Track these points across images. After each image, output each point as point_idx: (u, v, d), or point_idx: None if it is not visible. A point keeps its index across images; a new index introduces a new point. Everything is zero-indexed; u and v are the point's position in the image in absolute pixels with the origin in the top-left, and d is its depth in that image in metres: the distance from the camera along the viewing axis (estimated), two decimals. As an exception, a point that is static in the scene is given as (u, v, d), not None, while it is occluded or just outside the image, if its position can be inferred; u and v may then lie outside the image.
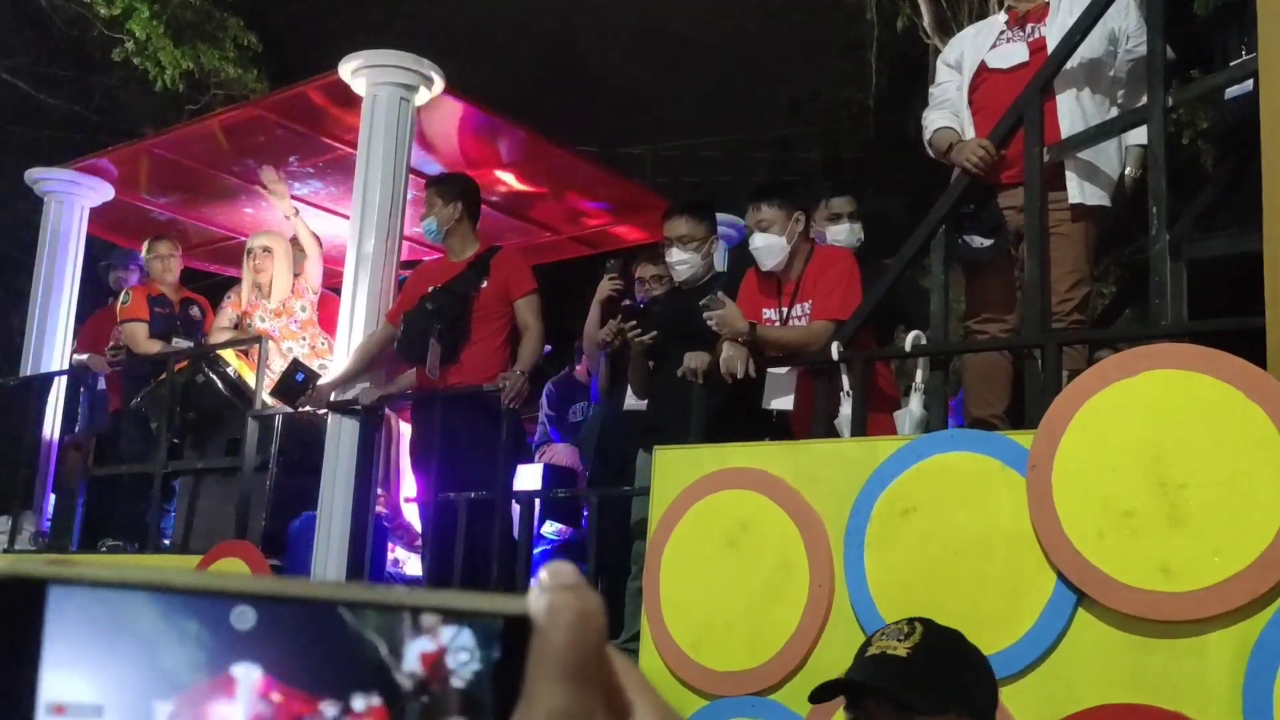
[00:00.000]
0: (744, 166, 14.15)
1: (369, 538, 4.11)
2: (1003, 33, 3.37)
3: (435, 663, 0.34)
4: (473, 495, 3.83)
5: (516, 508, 3.98)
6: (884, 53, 13.06)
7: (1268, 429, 2.39)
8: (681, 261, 3.84)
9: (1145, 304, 3.24)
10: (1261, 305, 2.53)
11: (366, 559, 4.08)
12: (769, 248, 3.49)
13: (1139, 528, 2.48)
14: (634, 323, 3.71)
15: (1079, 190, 3.14)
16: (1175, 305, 2.79)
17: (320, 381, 4.39)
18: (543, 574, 0.35)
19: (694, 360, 3.32)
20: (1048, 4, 3.30)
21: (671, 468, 3.21)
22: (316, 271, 5.24)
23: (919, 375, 3.07)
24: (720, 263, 5.04)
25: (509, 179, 5.62)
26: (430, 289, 4.26)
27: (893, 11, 13.36)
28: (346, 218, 4.91)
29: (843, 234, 4.02)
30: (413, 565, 4.86)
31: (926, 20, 12.24)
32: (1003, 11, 3.46)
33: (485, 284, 4.23)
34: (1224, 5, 3.50)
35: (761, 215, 3.50)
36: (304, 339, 5.14)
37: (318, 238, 5.34)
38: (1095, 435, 2.58)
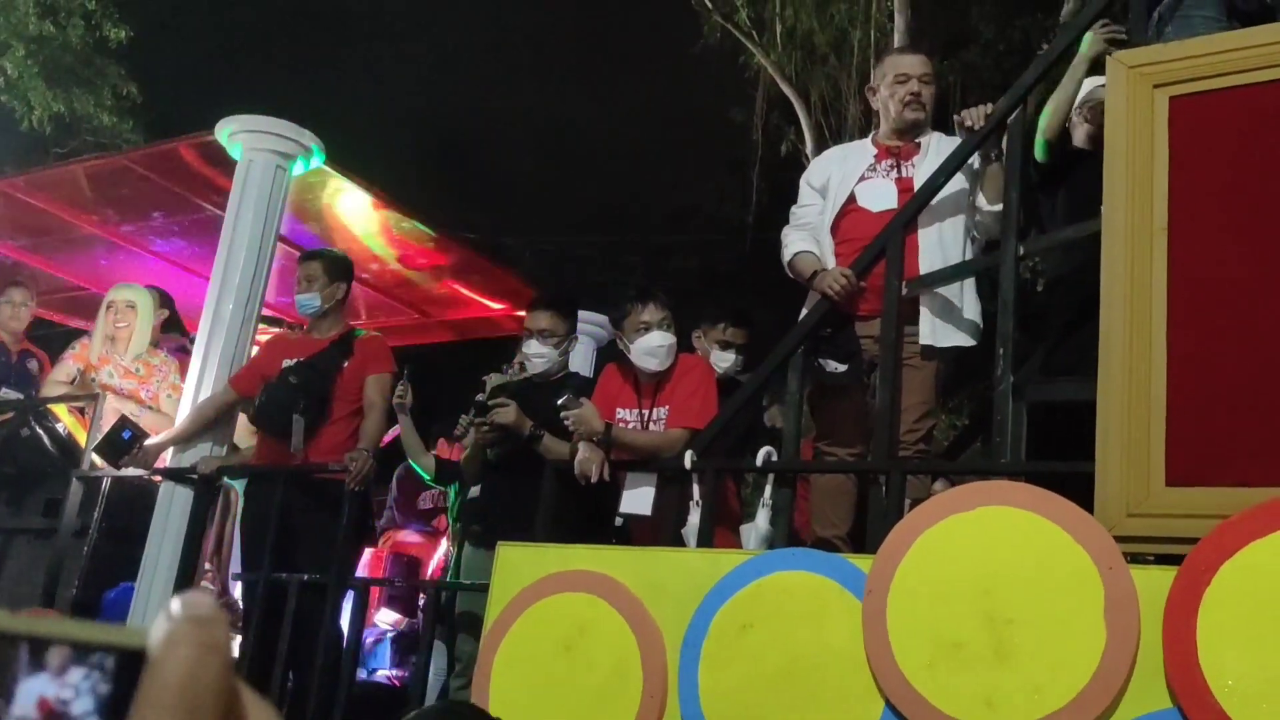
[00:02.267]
0: (621, 268, 14.34)
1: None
2: (872, 166, 3.49)
3: (50, 707, 0.32)
4: (305, 578, 3.69)
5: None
6: (766, 173, 13.53)
7: (1090, 572, 2.47)
8: (539, 355, 3.83)
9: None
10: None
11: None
12: (667, 346, 3.51)
13: (966, 660, 2.52)
14: (483, 416, 3.66)
15: (930, 332, 3.26)
16: (1015, 444, 2.89)
17: (149, 441, 4.20)
18: (172, 603, 0.34)
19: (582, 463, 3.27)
20: (918, 143, 3.45)
21: (514, 565, 3.15)
22: None
23: (767, 491, 3.10)
24: (587, 360, 5.05)
25: (382, 257, 5.56)
26: (284, 365, 4.15)
27: (778, 134, 13.89)
28: (205, 279, 4.77)
29: (727, 362, 4.06)
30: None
31: (809, 146, 12.76)
32: (870, 141, 3.59)
33: (347, 364, 4.15)
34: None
35: (662, 315, 3.54)
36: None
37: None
38: (930, 565, 2.63)
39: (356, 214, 5.21)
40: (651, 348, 3.51)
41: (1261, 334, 2.55)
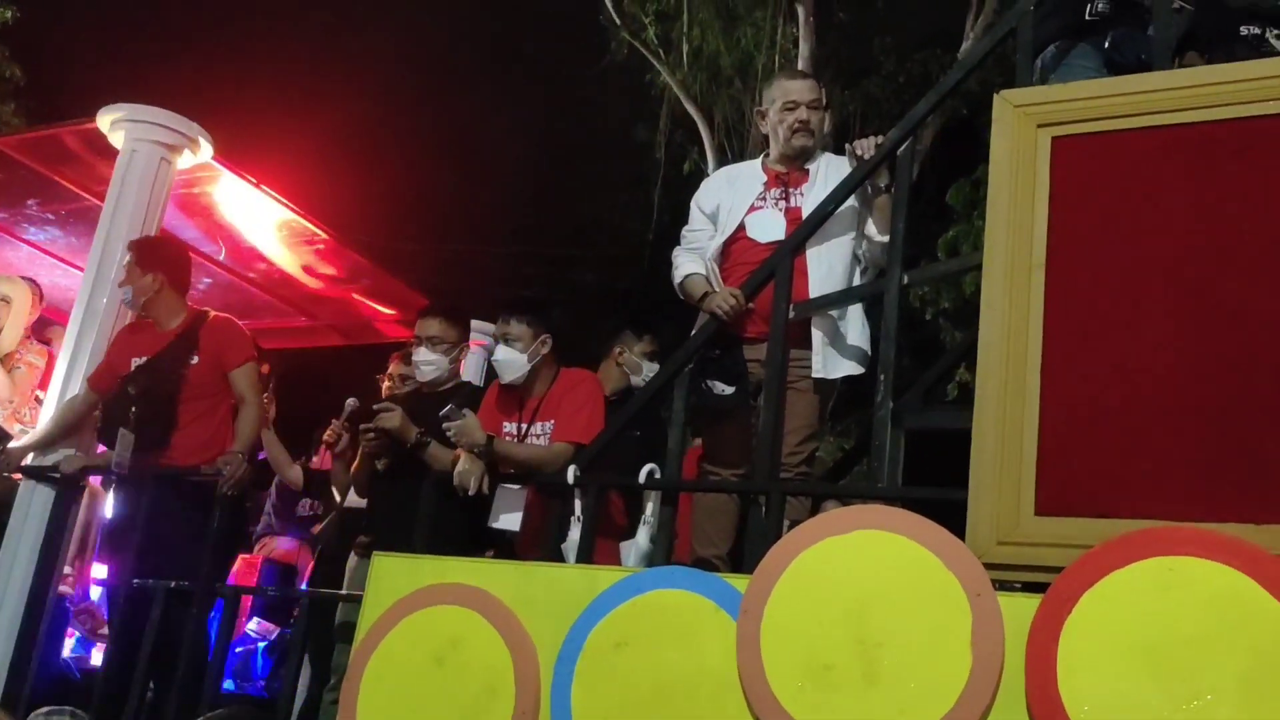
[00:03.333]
0: (520, 279, 14.28)
1: (44, 620, 3.73)
2: (762, 195, 3.53)
3: None
4: (172, 584, 3.56)
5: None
6: (669, 190, 13.63)
7: (960, 598, 2.51)
8: (428, 362, 3.79)
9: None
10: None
11: (38, 643, 3.70)
12: (509, 362, 3.51)
13: (836, 682, 2.54)
14: (367, 424, 3.60)
15: (822, 365, 3.30)
16: (893, 470, 2.93)
17: (12, 444, 4.02)
18: None
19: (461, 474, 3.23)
20: (807, 170, 3.49)
21: (388, 576, 3.08)
22: None
23: (649, 508, 3.09)
24: (478, 369, 4.99)
25: (271, 257, 5.43)
26: (133, 365, 3.97)
27: (681, 153, 14.01)
28: (80, 270, 4.60)
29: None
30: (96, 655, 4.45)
31: (711, 166, 12.88)
32: (760, 165, 3.63)
33: (196, 359, 3.99)
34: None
35: (509, 329, 3.51)
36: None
37: None
38: (805, 587, 2.65)
39: (245, 212, 5.08)
40: (495, 360, 3.55)
41: (1131, 371, 2.62)
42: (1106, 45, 3.41)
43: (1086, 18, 3.42)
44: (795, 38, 12.67)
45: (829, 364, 3.33)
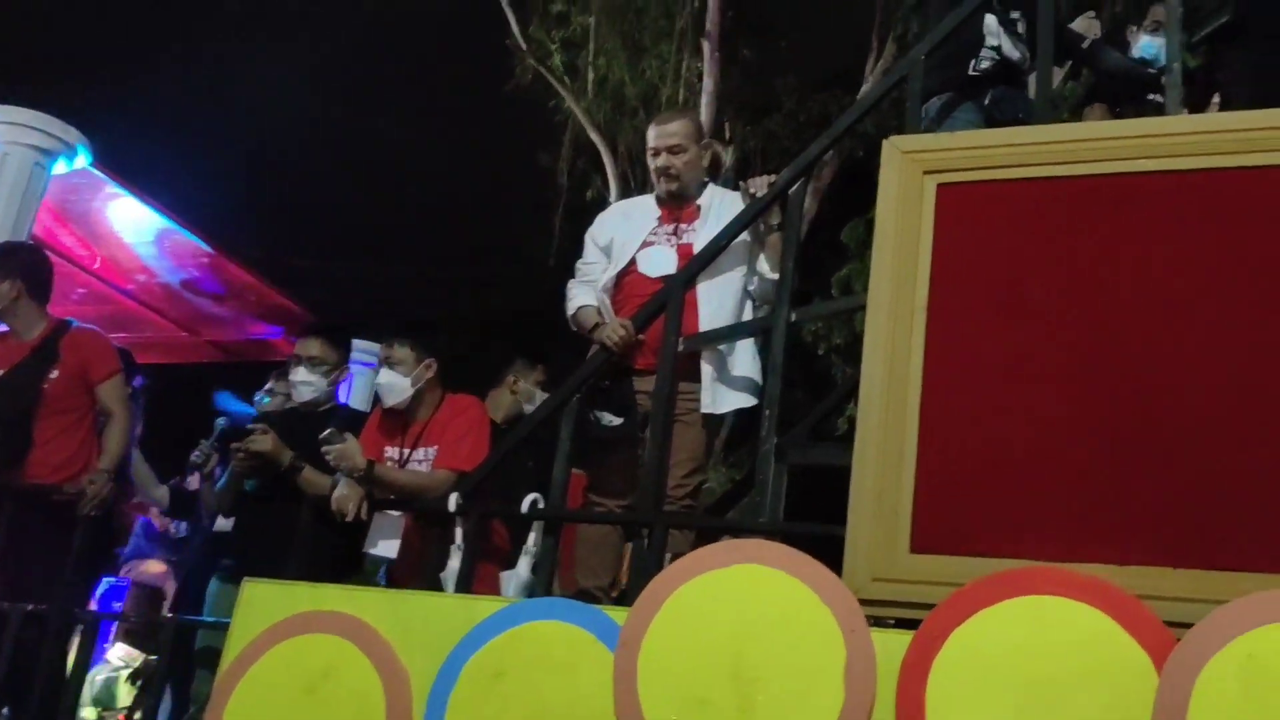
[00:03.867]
0: (416, 300, 14.12)
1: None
2: (654, 230, 3.56)
3: None
4: (30, 608, 3.40)
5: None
6: (571, 216, 13.63)
7: (834, 633, 2.54)
8: (306, 382, 3.70)
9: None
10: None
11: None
12: (391, 386, 3.46)
13: (711, 717, 2.54)
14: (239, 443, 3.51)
15: (711, 400, 3.32)
16: (775, 504, 2.96)
17: None
18: None
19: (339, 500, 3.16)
20: (699, 206, 3.53)
21: (258, 602, 2.99)
22: None
23: (531, 538, 3.06)
24: (365, 392, 4.91)
25: (152, 269, 5.27)
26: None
27: (584, 181, 14.04)
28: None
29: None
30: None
31: (614, 194, 12.93)
32: (654, 199, 3.66)
33: (56, 371, 3.82)
34: None
35: (393, 353, 3.47)
36: None
37: None
38: (684, 620, 2.65)
39: (126, 221, 4.92)
40: (377, 384, 3.50)
41: (1006, 414, 2.68)
42: (987, 102, 3.55)
43: (970, 72, 3.54)
44: (700, 72, 12.83)
45: (718, 398, 3.35)
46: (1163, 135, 2.73)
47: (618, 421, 3.21)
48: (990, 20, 3.55)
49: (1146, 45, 4.31)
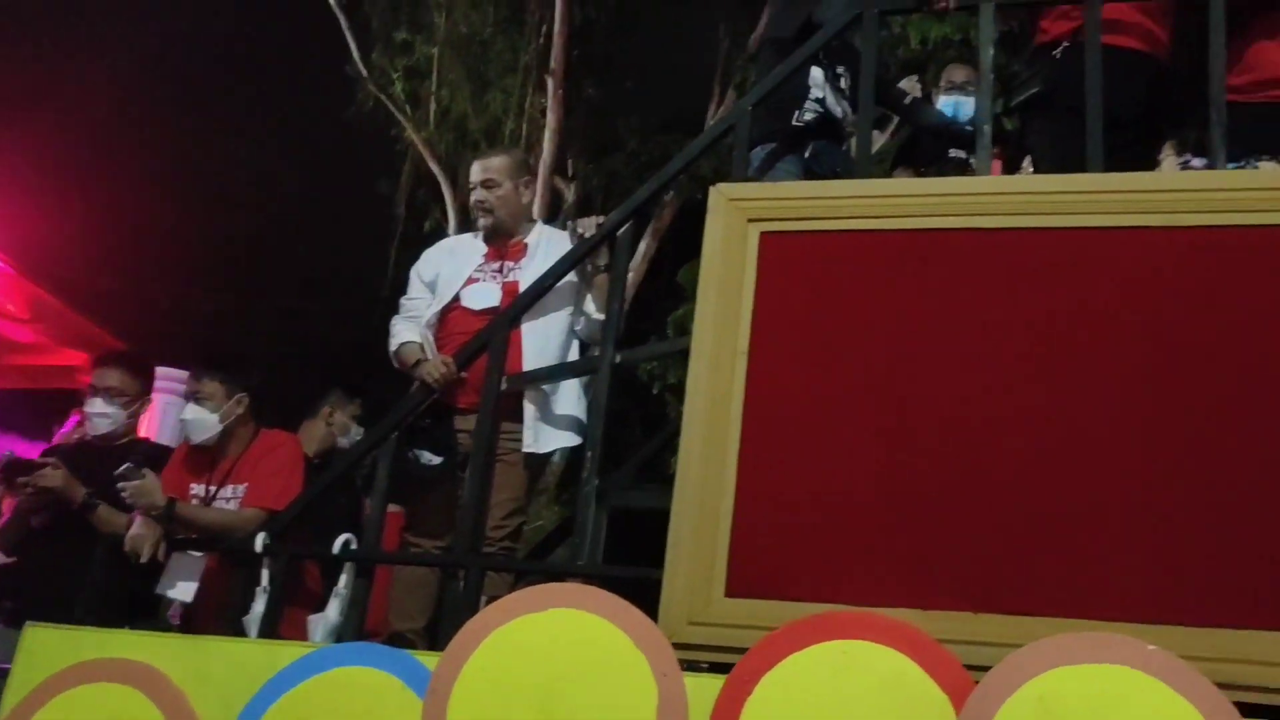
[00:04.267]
0: (241, 328, 13.63)
1: None
2: (480, 267, 3.53)
3: None
4: None
5: None
6: (408, 247, 13.41)
7: (647, 677, 2.53)
8: (103, 414, 3.51)
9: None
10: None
11: None
12: (198, 422, 3.31)
13: (521, 765, 2.49)
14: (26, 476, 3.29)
15: (534, 439, 3.29)
16: (593, 547, 2.94)
17: None
18: None
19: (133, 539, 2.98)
20: (525, 244, 3.51)
21: (42, 647, 2.80)
22: None
23: (342, 580, 2.96)
24: (174, 424, 4.69)
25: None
26: None
27: (424, 211, 13.87)
28: None
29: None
30: None
31: (453, 226, 12.80)
32: (481, 238, 3.63)
33: None
34: None
35: (201, 387, 3.32)
36: None
37: None
38: (497, 664, 2.59)
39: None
40: (183, 419, 3.36)
41: (823, 458, 2.73)
42: (807, 155, 3.66)
43: (794, 123, 3.64)
44: (544, 108, 12.86)
45: (540, 437, 3.32)
46: (969, 194, 2.86)
47: (437, 461, 3.14)
48: (816, 73, 3.66)
49: (945, 104, 4.54)
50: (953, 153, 4.30)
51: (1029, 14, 3.68)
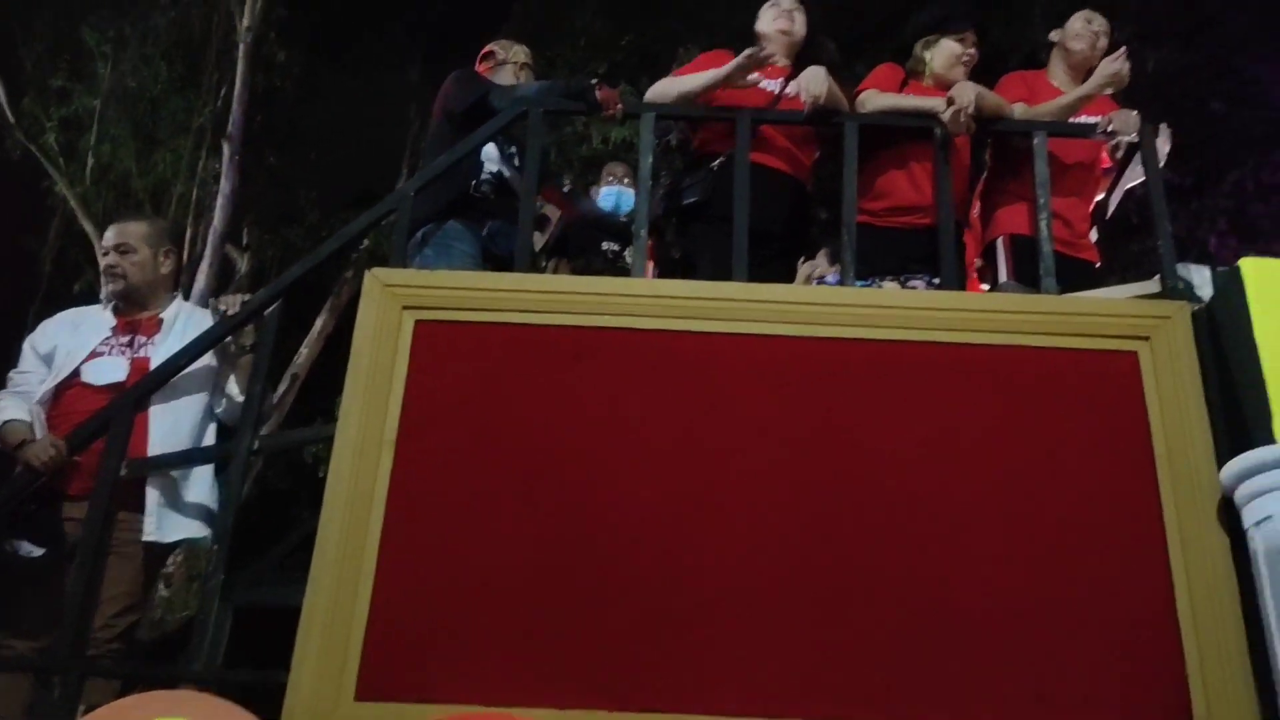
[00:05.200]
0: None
1: None
2: (107, 340, 3.24)
3: None
4: None
5: None
6: (51, 309, 12.27)
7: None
8: None
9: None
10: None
11: None
12: None
13: None
14: None
15: (156, 527, 3.03)
16: (213, 649, 2.71)
17: None
18: None
19: None
20: (160, 319, 3.27)
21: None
22: None
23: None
24: None
25: None
26: None
27: (75, 271, 12.78)
28: None
29: None
30: None
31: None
32: (109, 310, 3.35)
33: None
34: None
35: None
36: None
37: None
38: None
39: None
40: None
41: (467, 553, 2.68)
42: (485, 234, 3.62)
43: (470, 193, 3.60)
44: (219, 172, 12.24)
45: (164, 525, 3.05)
46: (624, 295, 2.92)
47: (39, 552, 2.82)
48: (490, 148, 3.65)
49: (607, 195, 4.71)
50: (605, 245, 4.43)
51: (692, 126, 3.87)
